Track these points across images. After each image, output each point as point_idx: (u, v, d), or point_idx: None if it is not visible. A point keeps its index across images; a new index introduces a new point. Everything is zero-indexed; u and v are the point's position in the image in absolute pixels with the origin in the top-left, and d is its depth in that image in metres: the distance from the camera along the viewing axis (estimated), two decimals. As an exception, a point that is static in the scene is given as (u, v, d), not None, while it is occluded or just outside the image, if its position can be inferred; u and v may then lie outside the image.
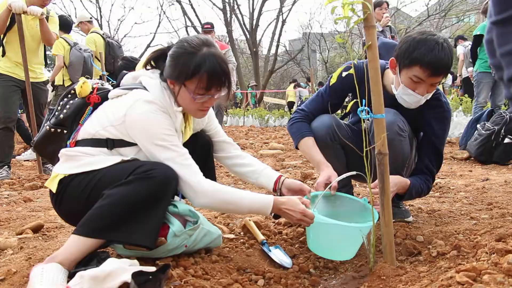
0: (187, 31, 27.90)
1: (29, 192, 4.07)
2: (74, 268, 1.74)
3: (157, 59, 2.07)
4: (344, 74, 2.01)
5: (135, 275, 1.54)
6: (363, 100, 1.92)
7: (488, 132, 5.05)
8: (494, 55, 1.21)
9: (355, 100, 1.99)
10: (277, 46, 29.63)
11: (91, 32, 7.17)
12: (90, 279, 1.59)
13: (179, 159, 1.89)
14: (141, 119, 1.87)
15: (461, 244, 2.02)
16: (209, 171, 2.31)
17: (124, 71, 2.17)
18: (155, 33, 28.20)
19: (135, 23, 43.86)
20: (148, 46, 28.11)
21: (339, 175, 2.29)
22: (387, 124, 2.05)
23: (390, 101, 2.36)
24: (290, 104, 19.79)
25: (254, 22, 27.61)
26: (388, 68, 2.42)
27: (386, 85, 2.46)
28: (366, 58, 2.11)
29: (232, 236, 2.38)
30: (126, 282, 1.60)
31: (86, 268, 1.68)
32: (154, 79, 2.00)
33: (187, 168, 1.89)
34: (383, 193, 1.96)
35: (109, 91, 2.08)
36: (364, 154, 1.95)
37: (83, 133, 2.00)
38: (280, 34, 28.43)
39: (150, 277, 1.57)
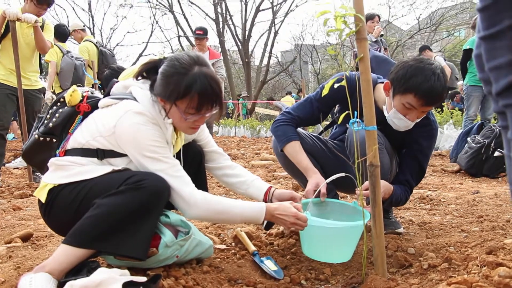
0: (179, 40, 27.91)
1: (19, 200, 4.03)
2: (63, 277, 1.73)
3: (149, 71, 2.05)
4: (336, 86, 2.02)
5: (126, 285, 1.53)
6: (355, 112, 1.94)
7: (478, 145, 5.09)
8: (483, 69, 1.22)
9: (347, 112, 2.00)
10: (269, 57, 29.72)
11: (85, 41, 7.15)
12: (80, 289, 1.58)
13: (171, 171, 1.88)
14: (131, 131, 1.85)
15: (452, 256, 2.02)
16: (201, 181, 2.31)
17: (114, 79, 2.16)
18: (147, 42, 28.01)
19: (128, 32, 43.90)
20: (140, 55, 28.04)
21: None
22: (362, 137, 2.08)
23: (379, 116, 2.38)
24: (283, 114, 19.85)
25: (247, 33, 27.67)
26: (379, 83, 2.44)
27: (376, 100, 2.48)
28: (357, 70, 2.13)
29: (223, 246, 2.37)
30: (116, 292, 1.59)
31: (76, 278, 1.66)
32: (144, 90, 1.98)
33: (178, 179, 1.88)
34: (375, 204, 1.96)
35: (99, 99, 2.07)
36: (355, 165, 1.97)
37: (73, 142, 1.98)
38: (272, 45, 28.50)
39: (141, 287, 1.56)
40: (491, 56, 1.06)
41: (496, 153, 4.99)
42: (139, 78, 2.04)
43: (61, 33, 6.45)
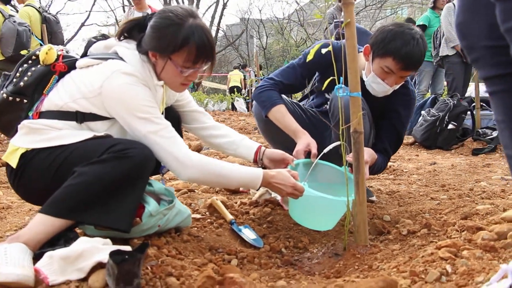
0: (124, 10, 26.95)
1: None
2: (39, 249, 1.62)
3: (131, 30, 1.93)
4: (323, 51, 1.98)
5: (113, 254, 1.44)
6: (340, 78, 1.91)
7: (433, 118, 5.22)
8: (466, 37, 1.22)
9: (332, 78, 1.96)
10: (217, 30, 29.28)
11: (26, 5, 6.68)
12: (60, 259, 1.48)
13: (163, 132, 1.79)
14: (121, 90, 1.74)
15: (431, 222, 2.06)
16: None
17: (92, 39, 2.04)
18: (90, 11, 26.89)
19: (68, 0, 41.95)
20: (83, 24, 26.88)
21: (291, 152, 2.28)
22: (346, 102, 2.07)
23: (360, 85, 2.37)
24: (232, 89, 19.68)
25: (194, 4, 27.14)
26: (360, 52, 2.42)
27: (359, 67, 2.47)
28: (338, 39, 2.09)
29: (198, 216, 2.31)
30: (100, 262, 1.50)
31: (53, 249, 1.56)
32: (131, 50, 1.87)
33: (172, 141, 1.79)
34: (358, 172, 1.95)
35: (76, 59, 1.93)
36: (340, 132, 1.95)
37: (48, 104, 1.84)
38: (220, 18, 28.13)
39: (127, 256, 1.48)
40: (506, 17, 1.04)
41: (450, 126, 5.15)
42: (122, 38, 1.92)
43: (3, -6, 5.97)
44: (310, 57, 2.03)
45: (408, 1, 29.51)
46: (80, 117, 1.80)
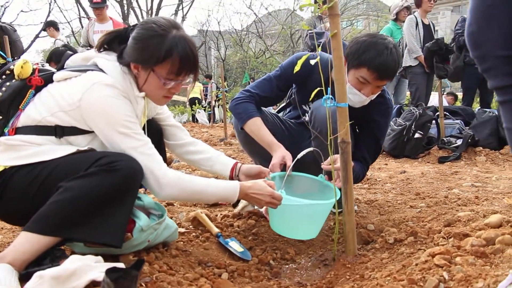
0: (80, 22, 26.44)
1: None
2: (25, 268, 1.55)
3: (111, 42, 1.89)
4: (312, 62, 1.99)
5: (109, 271, 1.40)
6: (328, 89, 1.93)
7: (400, 127, 5.32)
8: (478, 47, 1.24)
9: (319, 88, 1.98)
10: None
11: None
12: (51, 279, 1.42)
13: (143, 149, 1.74)
14: (102, 103, 1.69)
15: (417, 230, 2.08)
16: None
17: (68, 52, 1.98)
18: (45, 23, 26.08)
19: (21, 11, 40.57)
20: (37, 36, 26.15)
21: (269, 164, 2.29)
22: (328, 114, 2.08)
23: None
24: (192, 101, 19.54)
25: (153, 15, 26.94)
26: None
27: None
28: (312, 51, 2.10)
29: (182, 230, 2.27)
30: (94, 281, 1.45)
31: (40, 268, 1.50)
32: (112, 61, 1.82)
33: (151, 158, 1.75)
34: (346, 181, 1.97)
35: (52, 73, 1.86)
36: (328, 142, 1.96)
37: (25, 119, 1.77)
38: (179, 30, 27.94)
39: (123, 273, 1.43)
40: None
41: (417, 135, 5.25)
42: (101, 50, 1.87)
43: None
44: (297, 68, 2.03)
45: (365, 13, 30.16)
46: (59, 131, 1.74)
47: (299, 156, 2.10)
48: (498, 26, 1.12)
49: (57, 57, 4.82)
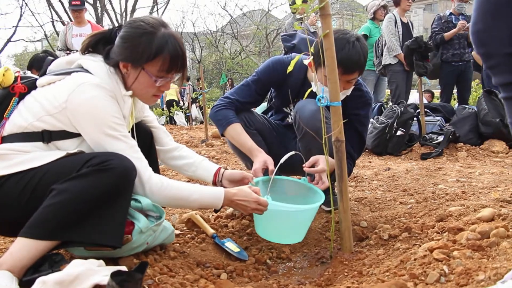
0: (53, 25, 25.99)
1: None
2: (23, 275, 1.53)
3: (96, 44, 1.87)
4: (305, 62, 2.01)
5: (114, 274, 1.39)
6: (323, 88, 1.95)
7: (382, 125, 5.38)
8: (483, 45, 1.27)
9: (311, 89, 2.00)
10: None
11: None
12: (55, 284, 1.41)
13: (130, 151, 1.73)
14: (88, 104, 1.67)
15: (411, 226, 2.11)
16: (152, 164, 2.15)
17: (50, 58, 1.95)
18: (16, 27, 25.53)
19: (-9, 15, 39.80)
20: (9, 40, 25.66)
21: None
22: (310, 113, 2.10)
23: (315, 95, 2.41)
24: (170, 103, 19.43)
25: (128, 17, 26.66)
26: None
27: (310, 79, 2.52)
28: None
29: (177, 231, 2.27)
30: (97, 285, 1.44)
31: (40, 274, 1.48)
32: (98, 62, 1.81)
33: (138, 162, 1.73)
34: (341, 180, 1.99)
35: (35, 79, 1.83)
36: (323, 141, 1.97)
37: (11, 127, 1.73)
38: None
39: (127, 277, 1.42)
40: None
41: (399, 132, 5.32)
42: (86, 52, 1.86)
43: None
44: (290, 68, 2.04)
45: (339, 13, 30.36)
46: (46, 136, 1.71)
47: (281, 160, 2.09)
48: (504, 24, 1.14)
49: (38, 64, 4.76)
